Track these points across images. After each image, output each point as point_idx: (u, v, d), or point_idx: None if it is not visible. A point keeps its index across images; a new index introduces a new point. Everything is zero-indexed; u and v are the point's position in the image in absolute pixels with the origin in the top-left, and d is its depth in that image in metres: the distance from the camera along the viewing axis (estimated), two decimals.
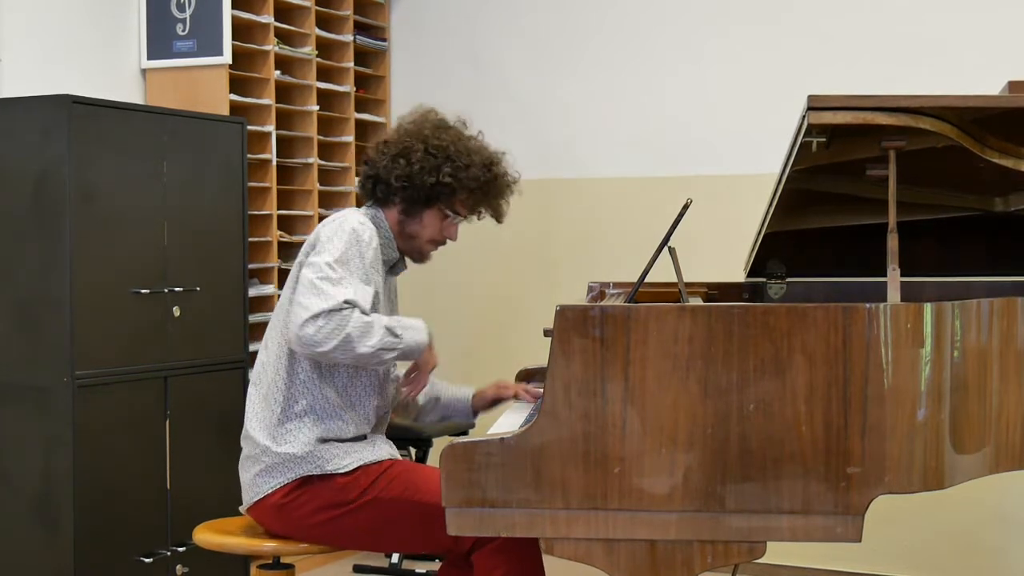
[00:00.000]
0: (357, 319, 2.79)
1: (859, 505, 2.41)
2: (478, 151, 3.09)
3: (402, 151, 3.04)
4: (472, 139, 3.13)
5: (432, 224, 3.09)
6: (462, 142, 3.08)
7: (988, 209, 3.28)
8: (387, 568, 4.87)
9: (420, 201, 3.05)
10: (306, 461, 2.91)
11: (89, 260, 3.76)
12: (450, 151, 3.04)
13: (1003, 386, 2.58)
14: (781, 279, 3.59)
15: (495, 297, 5.41)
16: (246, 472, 3.01)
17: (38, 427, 3.75)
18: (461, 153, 3.05)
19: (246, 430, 3.01)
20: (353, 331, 2.78)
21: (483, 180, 3.07)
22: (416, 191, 3.03)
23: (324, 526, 2.93)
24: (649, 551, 2.46)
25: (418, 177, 3.02)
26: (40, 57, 4.29)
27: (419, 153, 3.02)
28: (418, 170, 3.02)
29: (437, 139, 3.05)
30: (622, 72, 5.14)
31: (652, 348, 2.41)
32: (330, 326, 2.76)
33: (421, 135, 3.06)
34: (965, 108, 2.58)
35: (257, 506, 2.99)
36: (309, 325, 2.76)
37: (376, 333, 2.82)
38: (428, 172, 3.02)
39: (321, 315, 2.76)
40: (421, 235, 3.10)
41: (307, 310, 2.77)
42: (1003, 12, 4.51)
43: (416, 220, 3.08)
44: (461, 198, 3.07)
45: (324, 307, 2.76)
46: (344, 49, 5.29)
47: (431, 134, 3.06)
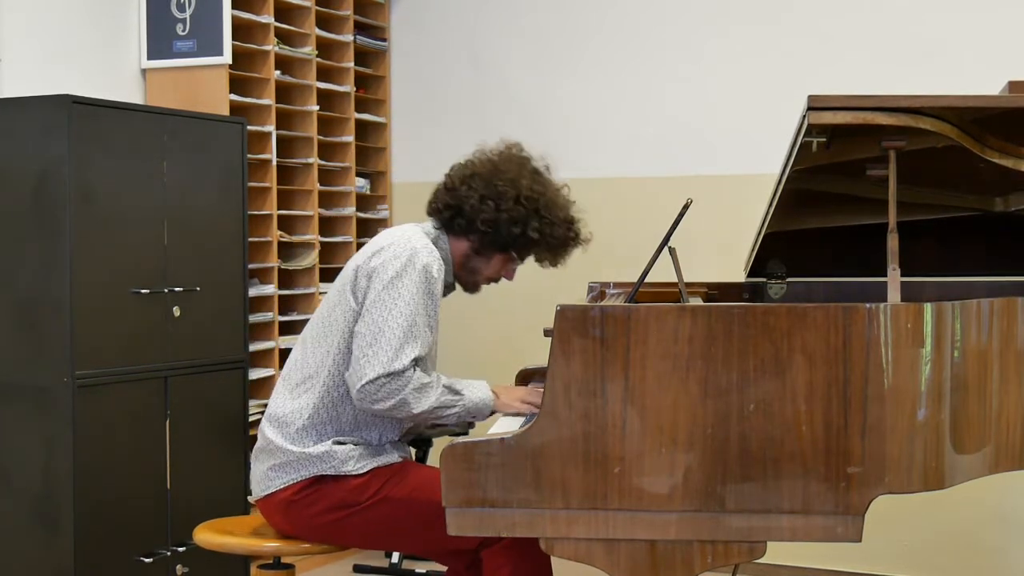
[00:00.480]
0: (416, 381, 2.83)
1: (859, 505, 2.41)
2: (564, 208, 3.06)
3: (493, 194, 2.99)
4: (560, 193, 3.09)
5: (497, 266, 3.10)
6: (551, 195, 3.05)
7: (988, 209, 3.27)
8: (387, 568, 4.87)
9: (497, 246, 3.04)
10: (322, 460, 2.92)
11: (89, 260, 3.76)
12: (540, 204, 3.00)
13: (1003, 386, 2.58)
14: (781, 279, 3.59)
15: (495, 297, 5.40)
16: (260, 464, 3.01)
17: (38, 427, 3.75)
18: (550, 208, 3.02)
19: (267, 420, 3.01)
20: (409, 395, 2.83)
21: (564, 239, 3.06)
22: (498, 237, 3.01)
23: (331, 526, 2.94)
24: (649, 551, 2.46)
25: (504, 226, 2.99)
26: (40, 57, 4.29)
27: (511, 202, 2.98)
28: (506, 219, 2.98)
29: (530, 190, 3.01)
30: (622, 72, 5.14)
31: (652, 348, 2.41)
32: (391, 387, 2.81)
33: (516, 182, 3.01)
34: (965, 108, 2.58)
35: (266, 500, 2.99)
36: (371, 386, 2.81)
37: (433, 393, 2.86)
38: (515, 223, 2.99)
39: (384, 376, 2.81)
40: (483, 272, 3.10)
41: (372, 369, 2.81)
42: (1003, 12, 4.51)
43: (484, 259, 3.07)
44: (538, 251, 3.07)
45: (389, 370, 2.81)
46: (344, 49, 5.29)
47: (526, 184, 3.01)
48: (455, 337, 5.38)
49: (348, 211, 5.28)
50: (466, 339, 5.34)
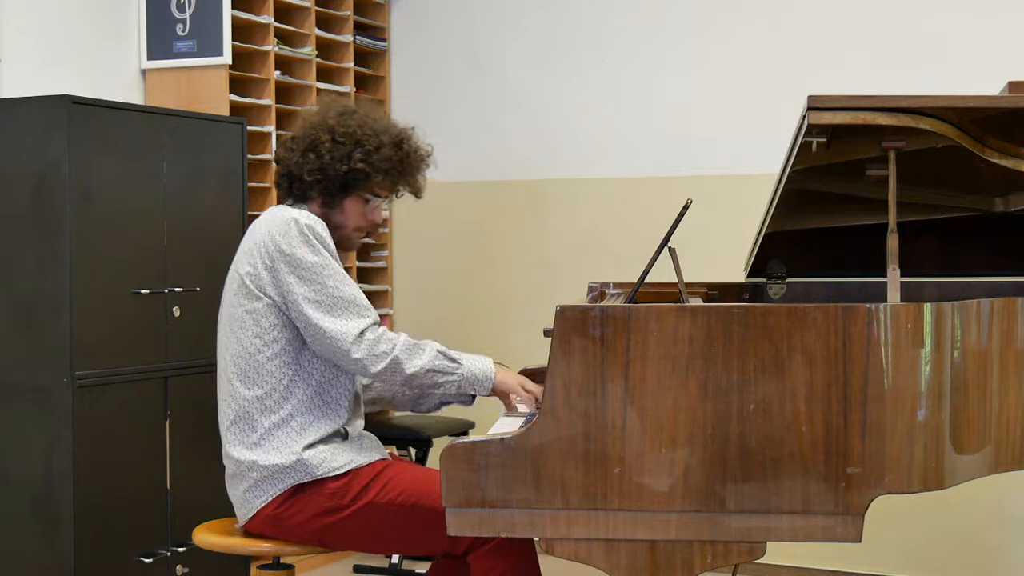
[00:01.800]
0: (404, 340, 2.85)
1: (859, 505, 2.41)
2: (386, 130, 3.04)
3: (310, 145, 3.00)
4: (378, 119, 3.07)
5: (354, 211, 3.05)
6: (368, 124, 3.03)
7: (988, 209, 3.27)
8: (387, 568, 4.87)
9: (337, 191, 3.01)
10: (295, 470, 2.89)
11: (89, 260, 3.76)
12: (358, 135, 2.99)
13: (1003, 386, 2.58)
14: (781, 279, 3.59)
15: (495, 297, 5.41)
16: (235, 489, 2.99)
17: (38, 427, 3.75)
18: (369, 136, 3.00)
19: (226, 449, 2.99)
20: (400, 353, 2.83)
21: (396, 159, 3.03)
22: (331, 182, 2.99)
23: (321, 532, 2.92)
24: (649, 551, 2.46)
25: (331, 168, 2.98)
26: (40, 57, 4.29)
27: (327, 144, 2.98)
28: (328, 160, 2.98)
29: (343, 126, 3.00)
30: (622, 72, 5.14)
31: (652, 348, 2.41)
32: (379, 348, 2.82)
33: (326, 125, 3.02)
34: (965, 108, 2.58)
35: (252, 520, 2.97)
36: (357, 347, 2.81)
37: (425, 355, 2.87)
38: (339, 161, 2.98)
39: (365, 333, 2.82)
40: (346, 224, 3.06)
41: (345, 338, 2.81)
42: (1003, 12, 4.51)
43: (338, 210, 3.04)
44: (377, 180, 3.03)
45: (360, 326, 2.82)
46: (344, 49, 5.29)
47: (336, 123, 3.01)
48: (455, 337, 5.38)
49: None
50: (466, 339, 5.33)
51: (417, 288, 5.55)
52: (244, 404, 2.94)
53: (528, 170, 5.29)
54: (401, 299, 5.60)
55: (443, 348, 2.91)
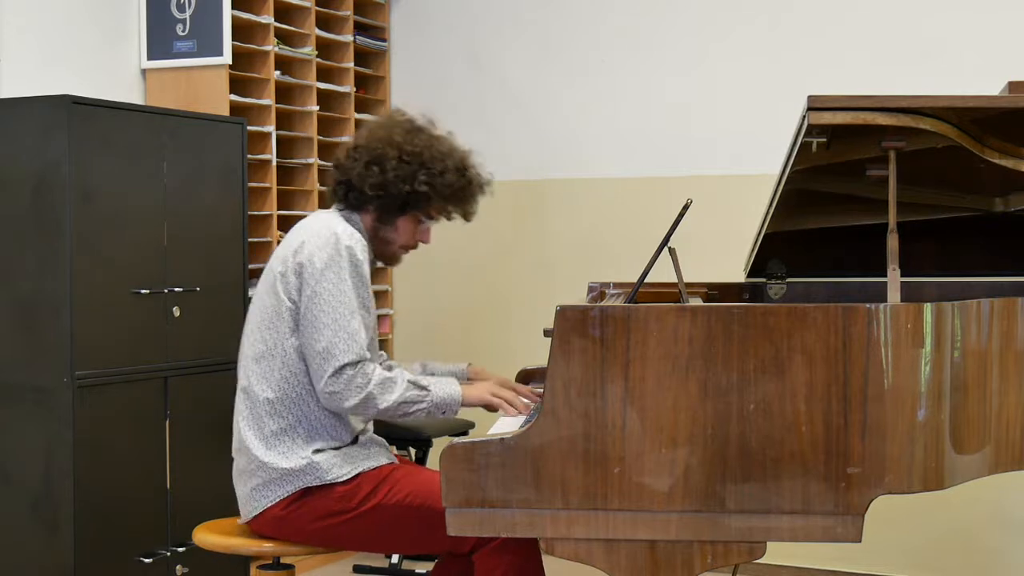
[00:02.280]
0: (378, 376, 2.84)
1: (859, 505, 2.41)
2: (450, 154, 3.04)
3: (375, 158, 3.00)
4: (443, 141, 3.07)
5: (406, 230, 3.07)
6: (435, 146, 3.03)
7: (988, 209, 3.28)
8: (387, 568, 4.87)
9: (395, 209, 3.02)
10: (305, 473, 2.90)
11: (89, 260, 3.76)
12: (424, 157, 2.99)
13: (1003, 386, 2.58)
14: (781, 279, 3.59)
15: (495, 297, 5.41)
16: (242, 486, 3.00)
17: (38, 427, 3.75)
18: (435, 159, 3.00)
19: (240, 443, 3.00)
20: (374, 389, 2.84)
21: (458, 185, 3.03)
22: (391, 199, 3.00)
23: (325, 531, 2.93)
24: (649, 551, 2.46)
25: (393, 186, 2.98)
26: (40, 57, 4.29)
27: (393, 161, 2.98)
28: (392, 178, 2.98)
29: (411, 145, 3.00)
30: (622, 72, 5.14)
31: (652, 348, 2.41)
32: (355, 380, 2.82)
33: (393, 141, 3.01)
34: (965, 108, 2.58)
35: (257, 519, 2.98)
36: (334, 381, 2.83)
37: (397, 388, 2.86)
38: (403, 180, 2.98)
39: (346, 368, 2.82)
40: (395, 241, 3.08)
41: (329, 362, 2.82)
42: (1003, 12, 4.51)
43: (390, 227, 3.06)
44: (436, 204, 3.04)
45: (346, 360, 2.82)
46: (344, 49, 5.29)
47: (404, 140, 3.01)
48: (455, 337, 5.38)
49: None
50: (466, 339, 5.34)
51: (417, 288, 5.54)
52: (255, 404, 2.95)
53: (528, 170, 5.29)
54: (401, 299, 5.60)
55: (412, 377, 2.91)
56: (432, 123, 3.12)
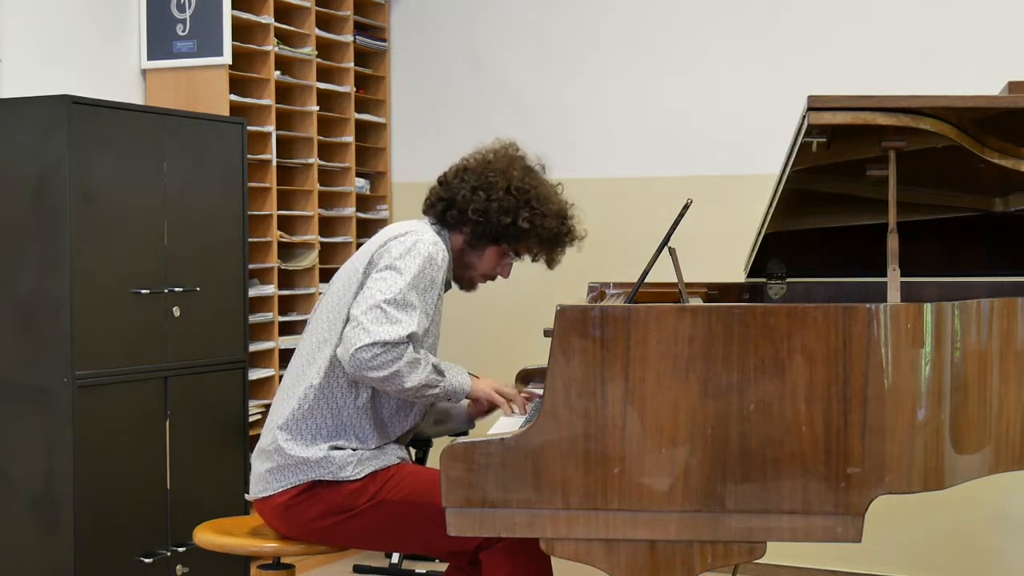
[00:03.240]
0: (410, 355, 2.83)
1: (859, 505, 2.41)
2: (556, 201, 3.10)
3: (484, 184, 3.04)
4: (552, 188, 3.14)
5: (491, 260, 3.12)
6: (543, 188, 3.09)
7: (988, 209, 3.28)
8: (387, 568, 4.87)
9: (488, 237, 3.06)
10: (320, 466, 2.91)
11: (89, 260, 3.76)
12: (531, 196, 3.04)
13: (1003, 386, 2.58)
14: (781, 279, 3.59)
15: (495, 297, 5.40)
16: (259, 464, 3.01)
17: (38, 427, 3.75)
18: (541, 200, 3.06)
19: (269, 418, 3.02)
20: (403, 367, 2.82)
21: (555, 231, 3.09)
22: (488, 227, 3.04)
23: (328, 530, 2.94)
24: (649, 551, 2.46)
25: (495, 215, 3.02)
26: (40, 57, 4.29)
27: (501, 191, 3.03)
28: (496, 208, 3.02)
29: (521, 181, 3.05)
30: (622, 72, 5.14)
31: (652, 348, 2.41)
32: (386, 357, 2.80)
33: (507, 173, 3.06)
34: (965, 108, 2.58)
35: (263, 502, 2.99)
36: (366, 351, 2.79)
37: (423, 370, 2.86)
38: (505, 212, 3.02)
39: (379, 344, 2.79)
40: (477, 267, 3.13)
41: (368, 336, 2.79)
42: (1003, 12, 4.51)
43: (477, 253, 3.10)
44: (529, 243, 3.09)
45: (385, 339, 2.79)
46: (344, 49, 5.29)
47: (517, 175, 3.06)
48: (456, 337, 5.38)
49: (348, 211, 5.28)
50: (466, 339, 5.33)
51: None
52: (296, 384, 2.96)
53: None
54: None
55: (435, 360, 2.92)
56: (543, 168, 3.18)
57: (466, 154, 3.18)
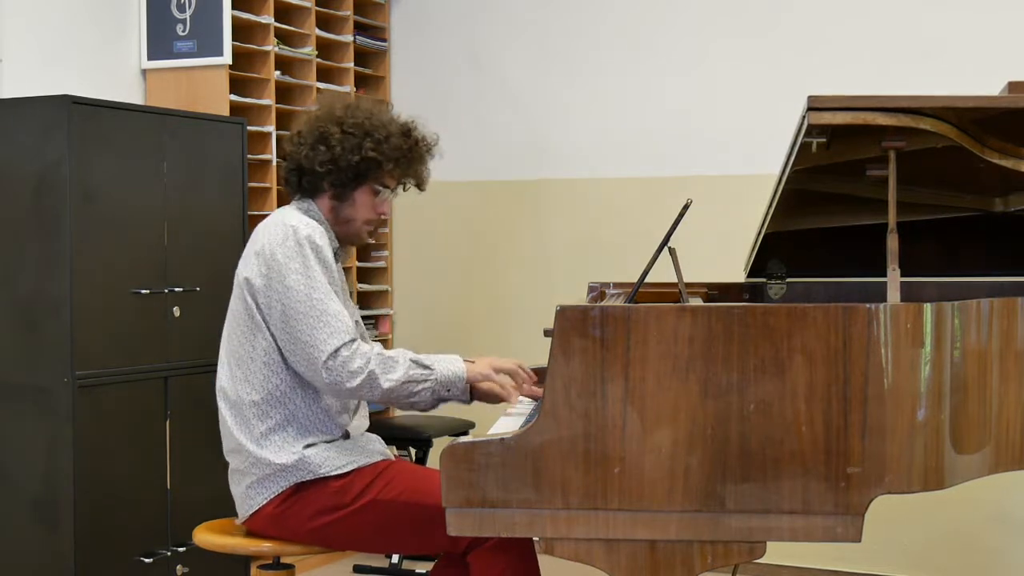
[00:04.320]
0: (378, 355, 2.82)
1: (859, 505, 2.41)
2: (392, 121, 3.07)
3: (319, 137, 3.01)
4: (383, 111, 3.11)
5: (365, 204, 3.06)
6: (375, 115, 3.05)
7: (988, 209, 3.27)
8: (387, 568, 4.87)
9: (349, 182, 3.02)
10: (297, 469, 2.89)
11: (89, 260, 3.76)
12: (367, 126, 3.01)
13: (1003, 386, 2.58)
14: (781, 279, 3.59)
15: (495, 297, 5.41)
16: (237, 486, 3.00)
17: (38, 427, 3.75)
18: (378, 126, 3.02)
19: (231, 444, 3.00)
20: (376, 368, 2.81)
21: (405, 147, 3.05)
22: (343, 173, 3.00)
23: (322, 530, 2.92)
24: (649, 551, 2.46)
25: (342, 158, 2.99)
26: (40, 57, 4.29)
27: (337, 135, 3.00)
28: (340, 151, 2.99)
29: (352, 117, 3.02)
30: (622, 72, 5.14)
31: (652, 348, 2.41)
32: (352, 361, 2.79)
33: (334, 117, 3.03)
34: (965, 108, 2.58)
35: (253, 518, 2.97)
36: (332, 363, 2.79)
37: (400, 367, 2.83)
38: (351, 151, 2.99)
39: (340, 351, 2.79)
40: (356, 217, 3.07)
41: (320, 349, 2.79)
42: (1003, 12, 4.51)
43: (349, 203, 3.05)
44: (388, 169, 3.04)
45: (337, 343, 2.79)
46: (344, 49, 5.29)
47: (344, 114, 3.03)
48: (455, 337, 5.38)
49: None
50: (466, 339, 5.34)
51: (417, 288, 5.55)
52: (241, 407, 2.95)
53: (528, 170, 5.29)
54: (401, 299, 5.60)
55: (415, 356, 2.89)
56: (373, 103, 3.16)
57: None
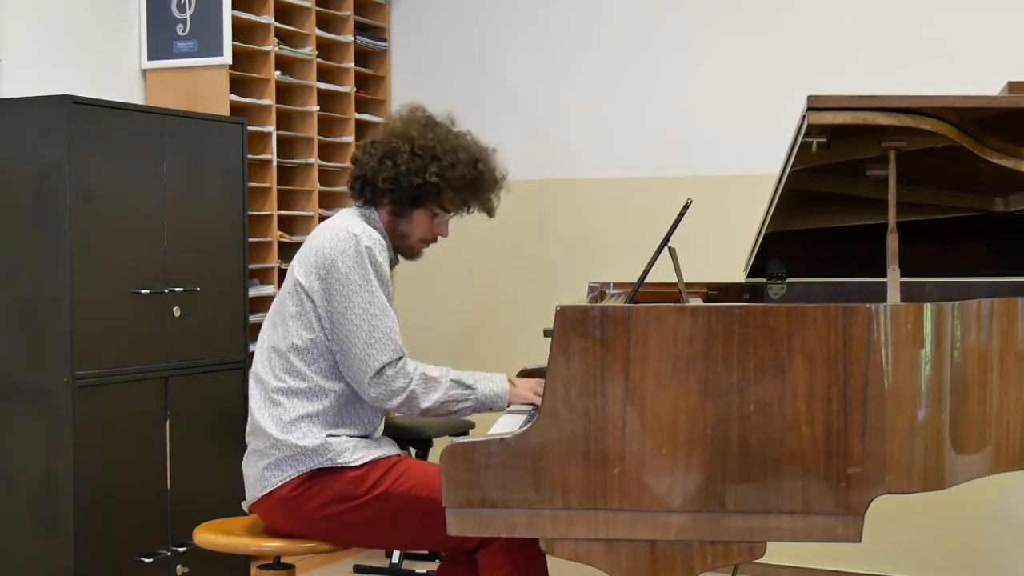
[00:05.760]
0: (420, 375, 2.91)
1: (859, 505, 2.41)
2: (465, 148, 3.10)
3: (388, 152, 3.05)
4: (459, 136, 3.13)
5: (422, 223, 3.11)
6: (449, 140, 3.08)
7: (988, 209, 3.27)
8: (387, 568, 4.87)
9: (408, 201, 3.07)
10: (317, 454, 2.93)
11: (89, 260, 3.76)
12: (436, 151, 3.04)
13: (1003, 386, 2.58)
14: (781, 279, 3.59)
15: (495, 297, 5.41)
16: (253, 467, 3.02)
17: (38, 427, 3.75)
18: (447, 152, 3.05)
19: (255, 425, 3.03)
20: (417, 387, 2.90)
21: (470, 178, 3.08)
22: (403, 192, 3.05)
23: (331, 520, 2.94)
24: (649, 551, 2.46)
25: (404, 178, 3.03)
26: (40, 57, 4.29)
27: (405, 155, 3.03)
28: (404, 171, 3.03)
29: (423, 139, 3.05)
30: (622, 72, 5.14)
31: (652, 348, 2.41)
32: (397, 379, 2.89)
33: (408, 135, 3.06)
34: (965, 108, 2.58)
35: (264, 500, 2.99)
36: (378, 379, 2.89)
37: (440, 387, 2.93)
38: (414, 173, 3.03)
39: (386, 369, 2.89)
40: (412, 234, 3.12)
41: (369, 364, 2.89)
42: (1003, 13, 4.51)
43: (406, 220, 3.10)
44: (448, 196, 3.08)
45: (385, 360, 2.89)
46: (344, 49, 5.29)
47: (418, 134, 3.06)
48: (455, 337, 5.38)
49: None
50: (466, 339, 5.34)
51: (417, 288, 5.54)
52: (274, 394, 3.00)
53: (528, 170, 5.28)
54: (401, 299, 5.59)
55: (457, 375, 2.96)
56: (452, 120, 3.18)
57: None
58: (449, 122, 3.16)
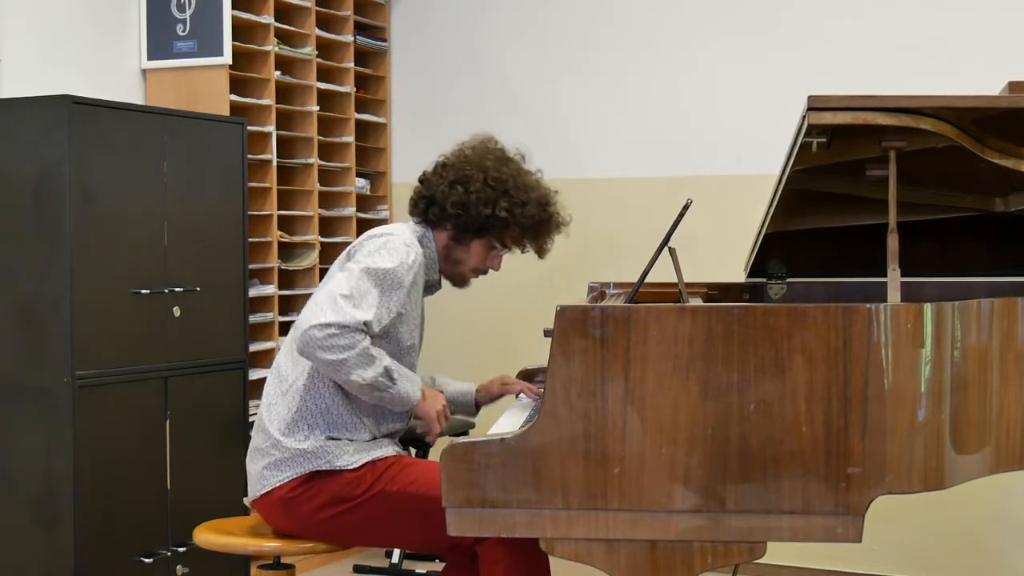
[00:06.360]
0: (364, 348, 2.84)
1: (859, 505, 2.41)
2: (535, 188, 3.12)
3: (461, 178, 3.06)
4: (531, 175, 3.14)
5: (478, 254, 3.13)
6: (521, 177, 3.10)
7: (988, 209, 3.28)
8: (387, 568, 4.87)
9: (471, 230, 3.08)
10: (316, 456, 2.94)
11: (89, 260, 3.76)
12: (509, 185, 3.06)
13: (1003, 386, 2.58)
14: (781, 279, 3.59)
15: (495, 297, 5.40)
16: (254, 464, 3.03)
17: (38, 427, 3.75)
18: (520, 189, 3.07)
19: (260, 421, 3.04)
20: (353, 357, 2.83)
21: (537, 219, 3.10)
22: (469, 220, 3.06)
23: (329, 522, 2.95)
24: (649, 551, 2.46)
25: (474, 207, 3.04)
26: (40, 57, 4.29)
27: (478, 183, 3.04)
28: (475, 200, 3.04)
29: (498, 171, 3.07)
30: (622, 72, 5.14)
31: (652, 348, 2.41)
32: (338, 341, 2.81)
33: (482, 165, 3.07)
34: (965, 108, 2.58)
35: (263, 499, 3.00)
36: (319, 330, 2.80)
37: (373, 369, 2.87)
38: (484, 203, 3.04)
39: (335, 325, 2.80)
40: (466, 263, 3.14)
41: (322, 314, 2.81)
42: (1003, 13, 4.51)
43: (464, 248, 3.12)
44: (512, 233, 3.10)
45: (337, 320, 2.81)
46: (344, 49, 5.29)
47: (492, 165, 3.08)
48: (456, 337, 5.38)
49: (348, 211, 5.28)
50: (466, 339, 5.34)
51: None
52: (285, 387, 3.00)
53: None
54: None
55: (388, 365, 2.91)
56: (523, 157, 3.19)
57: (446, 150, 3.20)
58: (520, 158, 3.17)
